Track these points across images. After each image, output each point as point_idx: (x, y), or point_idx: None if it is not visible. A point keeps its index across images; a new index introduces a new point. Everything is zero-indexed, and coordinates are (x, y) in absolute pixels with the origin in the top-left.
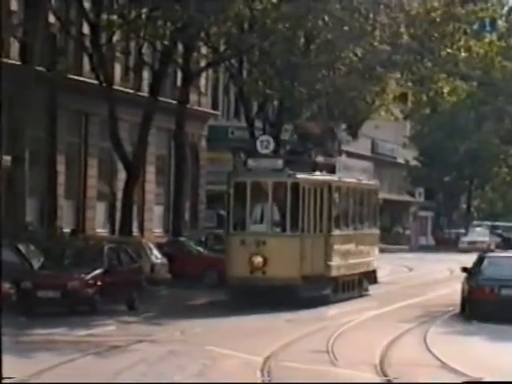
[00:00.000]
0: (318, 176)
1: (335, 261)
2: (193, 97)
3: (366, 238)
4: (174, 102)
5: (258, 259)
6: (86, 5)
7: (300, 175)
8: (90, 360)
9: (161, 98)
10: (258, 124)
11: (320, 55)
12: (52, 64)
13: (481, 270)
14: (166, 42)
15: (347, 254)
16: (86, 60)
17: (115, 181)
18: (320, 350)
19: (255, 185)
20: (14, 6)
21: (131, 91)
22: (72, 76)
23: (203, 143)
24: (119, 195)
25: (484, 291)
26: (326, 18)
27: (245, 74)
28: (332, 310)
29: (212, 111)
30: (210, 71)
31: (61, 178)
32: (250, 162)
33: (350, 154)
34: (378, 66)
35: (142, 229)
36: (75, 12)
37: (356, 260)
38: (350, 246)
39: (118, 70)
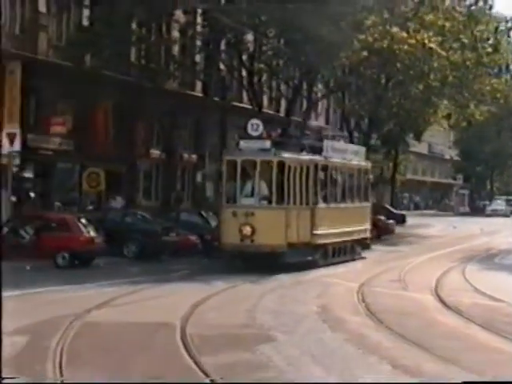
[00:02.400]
0: (304, 156)
1: (322, 230)
2: (313, 116)
3: (357, 210)
4: (301, 120)
5: (247, 229)
6: (244, 57)
7: (286, 154)
8: (247, 285)
9: (292, 118)
10: (356, 134)
11: (395, 89)
12: (223, 96)
13: None
14: (295, 81)
15: (336, 224)
16: (244, 93)
17: None
18: (395, 280)
19: (245, 163)
20: (197, 58)
21: (274, 113)
22: (236, 103)
23: None
24: None
25: None
26: (399, 65)
27: (346, 101)
28: (396, 254)
29: (325, 125)
30: (324, 100)
31: None
32: (242, 143)
33: (415, 154)
34: (432, 96)
35: None
36: (237, 62)
37: (346, 229)
38: (338, 217)
39: (265, 99)
